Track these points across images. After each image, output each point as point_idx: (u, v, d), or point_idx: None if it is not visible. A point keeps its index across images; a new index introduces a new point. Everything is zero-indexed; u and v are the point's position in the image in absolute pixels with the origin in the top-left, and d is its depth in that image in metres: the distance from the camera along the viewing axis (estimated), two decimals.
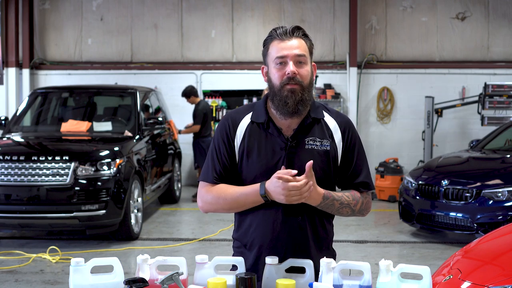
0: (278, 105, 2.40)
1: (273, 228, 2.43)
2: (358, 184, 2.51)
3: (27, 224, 7.10)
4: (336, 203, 2.42)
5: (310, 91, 2.42)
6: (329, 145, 2.45)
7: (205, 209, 2.53)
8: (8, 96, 12.03)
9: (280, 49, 2.38)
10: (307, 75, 2.40)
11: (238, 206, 2.46)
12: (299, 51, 2.38)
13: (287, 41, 2.38)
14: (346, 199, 2.45)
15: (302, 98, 2.37)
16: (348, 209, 2.46)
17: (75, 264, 2.19)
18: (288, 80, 2.36)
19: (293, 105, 2.37)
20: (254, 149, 2.45)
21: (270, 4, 12.12)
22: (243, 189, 2.43)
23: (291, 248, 2.43)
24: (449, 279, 3.40)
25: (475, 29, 11.93)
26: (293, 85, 2.36)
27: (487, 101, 10.76)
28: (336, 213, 2.48)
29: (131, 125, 8.30)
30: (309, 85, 2.41)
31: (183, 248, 7.21)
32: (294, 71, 2.36)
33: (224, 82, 12.16)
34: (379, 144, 11.92)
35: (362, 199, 2.50)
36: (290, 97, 2.36)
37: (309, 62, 2.43)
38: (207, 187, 2.50)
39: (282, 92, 2.37)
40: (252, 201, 2.41)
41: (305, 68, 2.39)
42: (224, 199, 2.44)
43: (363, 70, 11.88)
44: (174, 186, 9.96)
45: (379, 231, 8.12)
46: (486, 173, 7.42)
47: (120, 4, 12.29)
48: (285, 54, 2.37)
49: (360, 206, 2.49)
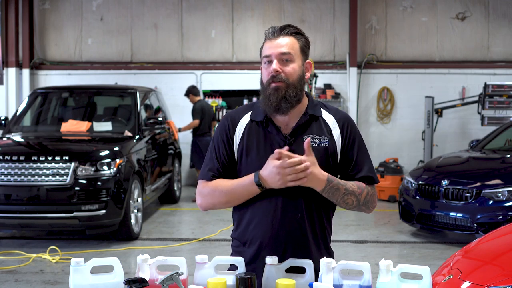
0: (263, 103, 2.44)
1: (272, 225, 2.43)
2: (362, 178, 2.50)
3: (27, 224, 7.10)
4: (341, 188, 2.41)
5: (298, 87, 2.42)
6: (328, 142, 2.46)
7: (203, 205, 2.53)
8: (8, 96, 12.04)
9: (267, 48, 2.43)
10: (293, 72, 2.41)
11: (235, 198, 2.45)
12: (285, 49, 2.40)
13: (274, 40, 2.42)
14: (351, 186, 2.44)
15: (286, 95, 2.38)
16: (353, 197, 2.44)
17: (75, 264, 2.19)
18: (272, 79, 2.40)
19: (276, 102, 2.39)
20: (253, 147, 2.46)
21: (270, 4, 12.13)
22: (238, 181, 2.44)
23: (290, 245, 2.43)
24: (449, 279, 3.40)
25: (475, 29, 11.93)
26: (277, 83, 2.39)
27: (487, 101, 10.77)
28: (341, 202, 2.45)
29: (131, 125, 8.30)
30: (297, 82, 2.41)
31: (183, 248, 7.21)
32: (277, 69, 2.39)
33: (224, 82, 12.17)
34: (379, 144, 11.92)
35: (368, 189, 2.49)
36: (273, 94, 2.39)
37: (299, 59, 2.43)
38: (204, 183, 2.52)
39: (267, 90, 2.41)
40: (247, 192, 2.41)
41: (290, 65, 2.41)
42: (221, 191, 2.45)
43: (363, 70, 11.88)
44: (174, 186, 9.96)
45: (379, 231, 8.12)
46: (486, 173, 7.42)
47: (120, 4, 12.29)
48: (270, 53, 2.41)
49: (365, 197, 2.47)
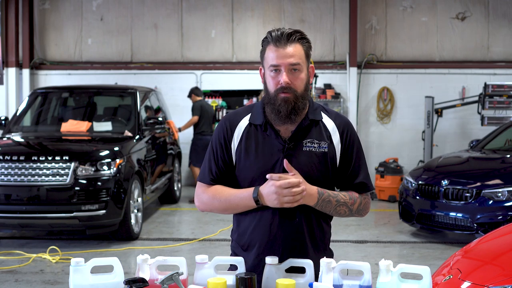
0: (271, 112, 2.41)
1: (270, 230, 2.43)
2: (357, 185, 2.51)
3: (27, 224, 7.09)
4: (332, 200, 2.42)
5: (305, 97, 2.42)
6: (327, 147, 2.45)
7: (202, 209, 2.56)
8: (8, 96, 12.04)
9: (275, 57, 2.37)
10: (301, 83, 2.39)
11: (232, 208, 2.48)
12: (294, 60, 2.36)
13: (281, 49, 2.36)
14: (342, 197, 2.45)
15: (295, 107, 2.38)
16: (345, 207, 2.45)
17: (75, 264, 2.19)
18: (281, 90, 2.37)
19: (286, 114, 2.38)
20: (252, 151, 2.45)
21: (270, 4, 12.12)
22: (237, 192, 2.44)
23: (288, 250, 2.43)
24: (449, 279, 3.40)
25: (475, 29, 11.93)
26: (287, 94, 2.37)
27: (487, 101, 10.76)
28: (334, 213, 2.47)
29: (131, 125, 8.30)
30: (304, 91, 2.41)
31: (183, 248, 7.21)
32: (288, 81, 2.36)
33: (224, 82, 12.17)
34: (379, 144, 11.91)
35: (361, 199, 2.50)
36: (283, 105, 2.37)
37: (305, 68, 2.41)
38: (203, 187, 2.53)
39: (276, 101, 2.38)
40: (244, 204, 2.43)
41: (299, 76, 2.39)
42: (219, 200, 2.47)
43: (363, 70, 11.88)
44: (174, 186, 9.96)
45: (379, 231, 8.12)
46: (486, 173, 7.42)
47: (120, 4, 12.29)
48: (279, 63, 2.36)
49: (358, 206, 2.49)
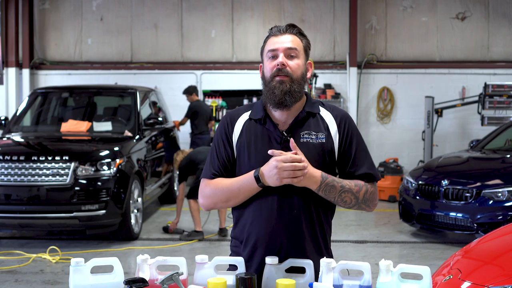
0: (266, 96, 2.45)
1: (268, 221, 2.43)
2: (362, 175, 2.48)
3: (27, 224, 7.09)
4: (337, 185, 2.40)
5: (301, 84, 2.45)
6: (325, 138, 2.46)
7: (205, 205, 2.54)
8: (8, 96, 12.04)
9: (273, 43, 2.46)
10: (298, 68, 2.44)
11: (234, 196, 2.46)
12: (291, 45, 2.44)
13: (280, 36, 2.47)
14: (347, 183, 2.43)
15: (291, 89, 2.41)
16: (351, 194, 2.42)
17: (75, 264, 2.19)
18: (277, 72, 2.42)
19: (280, 95, 2.40)
20: (251, 144, 2.48)
21: (270, 4, 12.13)
22: (239, 178, 2.46)
23: (286, 243, 2.42)
24: (449, 279, 3.40)
25: (475, 29, 11.93)
26: (282, 77, 2.41)
27: (487, 101, 10.77)
28: (339, 200, 2.43)
29: (131, 125, 8.30)
30: (300, 78, 2.45)
31: (183, 248, 7.21)
32: (283, 62, 2.42)
33: (224, 82, 12.17)
34: (379, 144, 11.91)
35: (367, 187, 2.46)
36: (278, 87, 2.41)
37: (302, 57, 2.47)
38: (206, 182, 2.54)
39: (271, 83, 2.43)
40: (246, 188, 2.42)
41: (295, 61, 2.44)
42: (221, 190, 2.47)
43: (363, 70, 11.88)
44: (174, 186, 9.96)
45: (379, 231, 8.11)
46: (486, 173, 7.42)
47: (120, 4, 12.29)
48: (277, 47, 2.44)
49: (364, 194, 2.45)
